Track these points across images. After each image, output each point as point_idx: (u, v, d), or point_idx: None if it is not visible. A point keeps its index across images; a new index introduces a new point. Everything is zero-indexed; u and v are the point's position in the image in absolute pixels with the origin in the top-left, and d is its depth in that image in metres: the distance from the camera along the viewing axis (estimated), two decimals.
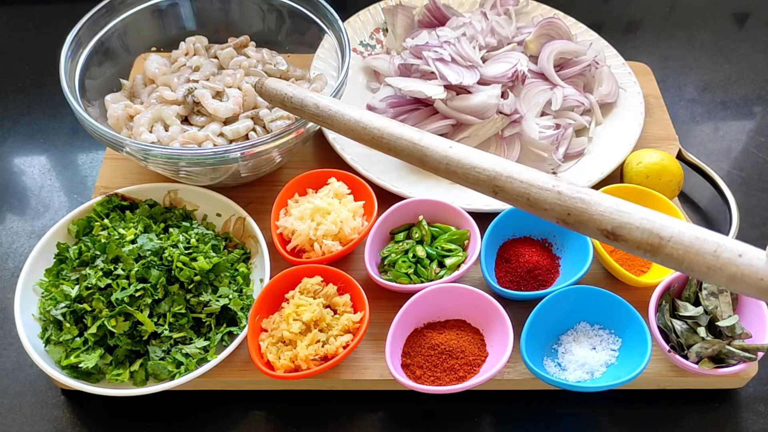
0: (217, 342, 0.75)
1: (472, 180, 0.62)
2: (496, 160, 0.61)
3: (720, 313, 0.77)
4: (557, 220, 0.57)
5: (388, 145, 0.68)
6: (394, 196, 0.90)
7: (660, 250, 0.51)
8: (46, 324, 0.75)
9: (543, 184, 0.58)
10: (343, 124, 0.72)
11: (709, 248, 0.49)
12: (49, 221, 0.94)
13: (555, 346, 0.79)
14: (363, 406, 0.78)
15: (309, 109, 0.75)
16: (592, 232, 0.55)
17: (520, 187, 0.59)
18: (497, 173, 0.60)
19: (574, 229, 0.56)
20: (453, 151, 0.64)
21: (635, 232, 0.52)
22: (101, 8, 0.92)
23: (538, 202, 0.58)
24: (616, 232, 0.53)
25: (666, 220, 0.52)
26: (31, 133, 1.07)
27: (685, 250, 0.50)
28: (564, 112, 1.00)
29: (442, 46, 0.99)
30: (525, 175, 0.59)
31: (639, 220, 0.53)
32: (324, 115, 0.74)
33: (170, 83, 0.91)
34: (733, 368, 0.74)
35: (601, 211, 0.54)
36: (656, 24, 1.31)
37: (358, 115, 0.71)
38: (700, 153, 1.07)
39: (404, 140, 0.67)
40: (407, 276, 0.81)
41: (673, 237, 0.51)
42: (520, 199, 0.59)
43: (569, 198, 0.56)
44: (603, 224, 0.54)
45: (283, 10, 0.99)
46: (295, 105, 0.77)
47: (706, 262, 0.49)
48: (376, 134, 0.69)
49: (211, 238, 0.82)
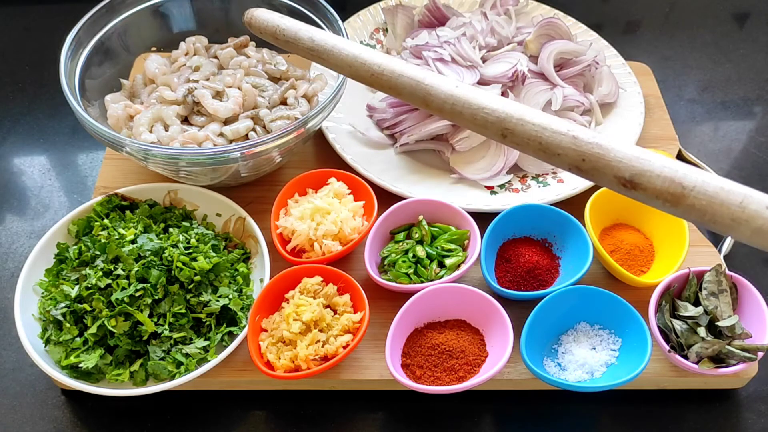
0: (217, 342, 0.75)
1: (479, 122, 0.58)
2: (507, 101, 0.58)
3: (720, 313, 0.77)
4: (570, 167, 0.54)
5: (389, 82, 0.64)
6: (394, 196, 0.90)
7: (682, 200, 0.48)
8: (46, 324, 0.75)
9: (557, 128, 0.54)
10: (341, 59, 0.67)
11: (735, 199, 0.47)
12: (49, 221, 0.94)
13: (555, 346, 0.79)
14: (363, 406, 0.78)
15: (303, 43, 0.70)
16: (607, 180, 0.52)
17: (532, 130, 0.55)
18: (508, 115, 0.56)
19: (588, 177, 0.53)
20: (459, 90, 0.60)
21: (656, 181, 0.49)
22: (101, 8, 0.92)
23: (550, 146, 0.54)
24: (634, 180, 0.50)
25: (689, 169, 0.49)
26: (31, 133, 1.07)
27: (709, 200, 0.47)
28: (564, 112, 1.00)
29: (442, 46, 0.99)
30: (538, 118, 0.55)
31: (660, 168, 0.49)
32: (319, 49, 0.69)
33: (170, 83, 0.91)
34: (733, 368, 0.74)
35: (620, 157, 0.51)
36: (656, 24, 1.31)
37: (357, 50, 0.67)
38: (700, 153, 1.07)
39: (406, 77, 0.63)
40: (407, 276, 0.81)
41: (697, 186, 0.48)
42: (532, 142, 0.55)
43: (585, 143, 0.52)
44: (621, 171, 0.51)
45: (283, 10, 0.99)
46: (287, 38, 0.72)
47: (731, 213, 0.47)
48: (377, 70, 0.64)
49: (211, 238, 0.82)
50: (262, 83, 0.93)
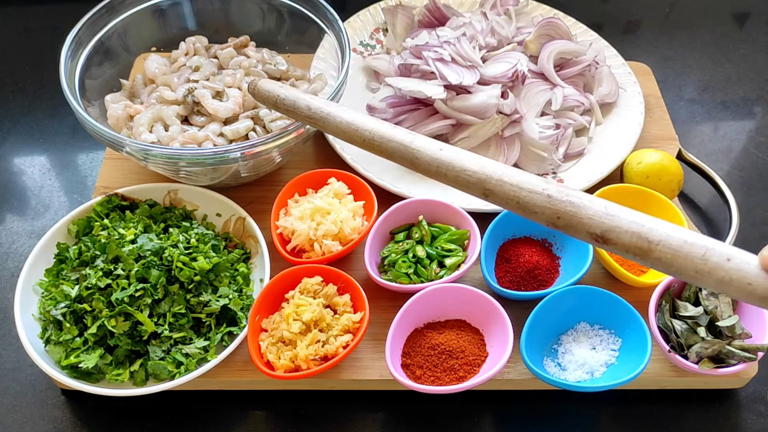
0: (217, 342, 0.75)
1: (462, 183, 0.62)
2: (486, 162, 0.61)
3: (720, 313, 0.77)
4: (548, 223, 0.57)
5: (380, 147, 0.68)
6: (394, 196, 0.90)
7: (649, 254, 0.51)
8: (46, 324, 0.75)
9: (533, 188, 0.57)
10: (335, 125, 0.72)
11: (698, 252, 0.49)
12: (49, 221, 0.94)
13: (555, 346, 0.79)
14: (363, 406, 0.78)
15: (301, 111, 0.76)
16: (582, 236, 0.55)
17: (510, 191, 0.58)
18: (487, 176, 0.60)
19: (564, 232, 0.56)
20: (443, 153, 0.63)
21: (624, 236, 0.52)
22: (101, 8, 0.92)
23: (528, 205, 0.57)
24: (605, 235, 0.53)
25: (656, 223, 0.52)
26: (31, 133, 1.07)
27: (673, 254, 0.50)
28: (564, 112, 1.00)
29: (442, 46, 0.99)
30: (515, 178, 0.59)
31: (627, 224, 0.52)
32: (316, 117, 0.74)
33: (170, 83, 0.91)
34: (733, 368, 0.74)
35: (590, 215, 0.54)
36: (656, 24, 1.31)
37: (349, 117, 0.71)
38: (700, 153, 1.07)
39: (395, 142, 0.67)
40: (407, 276, 0.81)
41: (662, 241, 0.50)
42: (510, 202, 0.59)
43: (559, 201, 0.56)
44: (592, 228, 0.54)
45: (283, 10, 0.99)
46: (287, 107, 0.77)
47: (694, 266, 0.49)
48: (368, 136, 0.69)
49: (211, 238, 0.82)
50: None
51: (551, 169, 0.97)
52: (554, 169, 0.96)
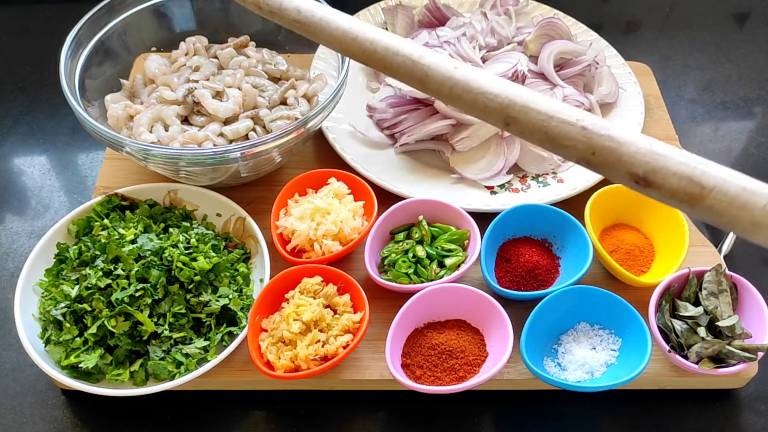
0: (217, 342, 0.75)
1: (480, 107, 0.54)
2: (510, 85, 0.54)
3: (720, 313, 0.77)
4: (579, 160, 0.51)
5: (383, 61, 0.59)
6: (394, 196, 0.90)
7: (700, 201, 0.45)
8: (46, 324, 0.75)
9: (565, 117, 0.50)
10: (329, 33, 0.62)
11: (759, 202, 0.44)
12: (49, 221, 0.94)
13: (555, 346, 0.79)
14: (363, 406, 0.78)
15: (289, 14, 0.64)
16: (619, 176, 0.49)
17: (537, 119, 0.51)
18: (510, 101, 0.52)
19: (598, 171, 0.50)
20: (459, 71, 0.55)
21: (671, 179, 0.46)
22: (101, 8, 0.92)
23: (557, 137, 0.50)
24: (648, 177, 0.47)
25: (709, 166, 0.46)
26: (31, 133, 1.07)
27: (729, 202, 0.44)
28: None
29: (442, 46, 0.99)
30: (543, 105, 0.51)
31: (677, 165, 0.46)
32: (306, 22, 0.63)
33: (170, 83, 0.91)
34: (733, 368, 0.74)
35: (633, 152, 0.47)
36: (656, 24, 1.31)
37: (347, 23, 0.61)
38: (700, 153, 1.05)
39: (401, 56, 0.57)
40: (407, 276, 0.81)
41: (717, 187, 0.45)
42: (537, 132, 0.52)
43: (596, 135, 0.49)
44: (634, 167, 0.47)
45: None
46: (272, 8, 0.65)
47: (752, 217, 0.44)
48: (368, 47, 0.59)
49: (211, 238, 0.82)
50: (262, 83, 0.93)
51: (551, 169, 0.96)
52: (554, 169, 0.96)
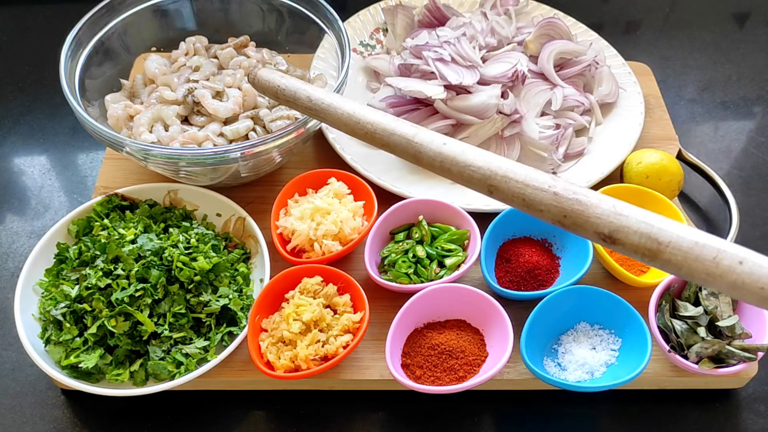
0: (217, 342, 0.75)
1: (466, 178, 0.60)
2: (492, 158, 0.59)
3: (720, 313, 0.77)
4: (554, 222, 0.55)
5: (382, 140, 0.66)
6: (394, 196, 0.90)
7: (658, 255, 0.50)
8: (46, 324, 0.75)
9: (539, 185, 0.56)
10: (337, 117, 0.70)
11: (709, 254, 0.47)
12: (49, 221, 0.94)
13: (555, 346, 0.79)
14: (363, 406, 0.78)
15: (302, 102, 0.74)
16: (589, 235, 0.54)
17: (516, 187, 0.57)
18: (492, 172, 0.58)
19: (571, 231, 0.55)
20: (447, 147, 0.61)
21: (633, 236, 0.51)
22: (101, 8, 0.92)
23: (533, 203, 0.56)
24: (613, 235, 0.52)
25: (665, 223, 0.50)
26: (31, 133, 1.07)
27: (684, 255, 0.48)
28: (564, 112, 1.00)
29: (442, 46, 0.99)
30: (521, 174, 0.57)
31: (637, 224, 0.51)
32: (317, 108, 0.72)
33: (170, 83, 0.91)
34: (733, 368, 0.74)
35: (598, 213, 0.52)
36: (656, 24, 1.31)
37: (351, 108, 0.69)
38: (700, 153, 1.07)
39: (398, 136, 0.65)
40: (407, 276, 0.81)
41: (672, 242, 0.49)
42: (516, 199, 0.57)
43: (566, 199, 0.54)
44: (600, 227, 0.52)
45: (283, 10, 0.99)
46: (287, 97, 0.75)
47: (705, 268, 0.48)
48: (370, 129, 0.67)
49: (211, 238, 0.82)
50: None
51: (551, 169, 0.96)
52: (554, 169, 0.96)
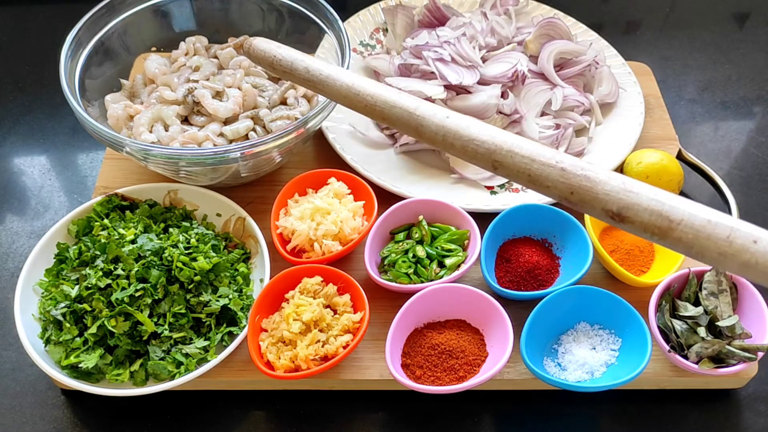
0: (217, 342, 0.75)
1: (470, 153, 0.59)
2: (497, 132, 0.58)
3: (720, 313, 0.77)
4: (560, 198, 0.54)
5: (382, 113, 0.65)
6: (394, 196, 0.90)
7: (669, 234, 0.48)
8: (46, 324, 0.75)
9: (545, 160, 0.54)
10: (335, 89, 0.69)
11: (722, 233, 0.46)
12: (49, 221, 0.94)
13: (555, 346, 0.79)
14: (363, 406, 0.78)
15: (299, 73, 0.72)
16: (596, 212, 0.52)
17: (521, 162, 0.55)
18: (497, 146, 0.56)
19: (578, 208, 0.53)
20: (450, 121, 0.60)
21: (643, 214, 0.49)
22: (101, 8, 0.92)
23: (539, 178, 0.54)
24: (622, 213, 0.50)
25: (677, 201, 0.49)
26: (31, 133, 1.07)
27: (695, 234, 0.47)
28: (564, 112, 1.00)
29: (442, 46, 0.99)
30: (527, 149, 0.55)
31: (647, 201, 0.49)
32: (315, 80, 0.70)
33: (170, 83, 0.91)
34: (733, 368, 0.74)
35: (607, 190, 0.51)
36: (656, 24, 1.31)
37: (350, 80, 0.68)
38: (700, 153, 1.07)
39: (399, 108, 0.63)
40: (407, 276, 0.81)
41: (684, 220, 0.47)
42: (521, 175, 0.55)
43: (573, 175, 0.52)
44: (608, 204, 0.51)
45: (283, 10, 0.99)
46: (284, 68, 0.73)
47: (717, 247, 0.46)
48: (369, 101, 0.65)
49: (211, 238, 0.82)
50: (262, 83, 0.93)
51: None
52: None
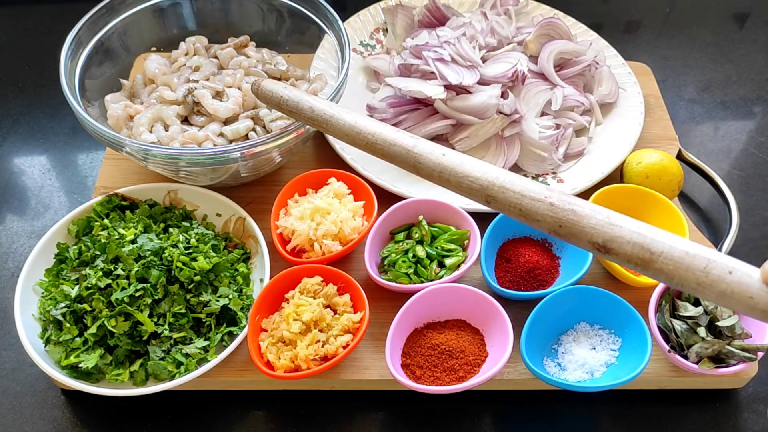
0: (217, 342, 0.75)
1: (465, 189, 0.63)
2: (489, 168, 0.61)
3: (720, 313, 0.77)
4: (549, 231, 0.57)
5: (382, 151, 0.69)
6: (394, 196, 0.90)
7: (650, 265, 0.52)
8: (46, 324, 0.75)
9: (535, 195, 0.58)
10: (338, 128, 0.73)
11: (699, 264, 0.49)
12: (49, 221, 0.94)
13: (555, 346, 0.79)
14: (363, 406, 0.78)
15: (304, 113, 0.76)
16: (583, 244, 0.56)
17: (513, 198, 0.59)
18: (490, 183, 0.60)
19: (566, 240, 0.57)
20: (446, 158, 0.64)
21: (626, 246, 0.53)
22: (101, 8, 0.92)
23: (530, 212, 0.58)
24: (607, 245, 0.54)
25: (658, 234, 0.52)
26: (31, 133, 1.07)
27: (675, 265, 0.50)
28: (564, 112, 1.00)
29: (442, 46, 0.99)
30: (518, 185, 0.59)
31: (630, 234, 0.53)
32: (319, 119, 0.74)
33: (170, 83, 0.91)
34: (733, 368, 0.74)
35: (593, 224, 0.54)
36: (656, 24, 1.31)
37: (352, 120, 0.71)
38: (700, 153, 1.07)
39: (398, 146, 0.67)
40: (407, 276, 0.81)
41: (664, 252, 0.51)
42: (513, 209, 0.59)
43: (561, 209, 0.56)
44: (594, 237, 0.54)
45: (283, 10, 0.99)
46: (290, 108, 0.77)
47: (696, 278, 0.49)
48: (371, 140, 0.69)
49: (211, 238, 0.82)
50: None
51: (551, 169, 0.96)
52: (554, 169, 0.96)
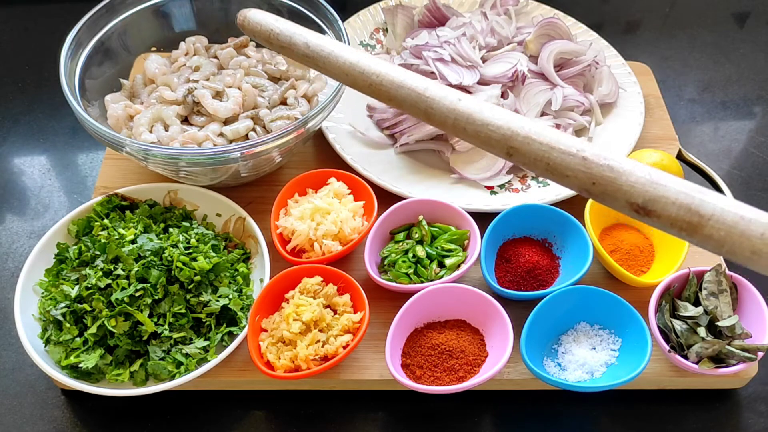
0: (217, 342, 0.75)
1: (483, 138, 0.55)
2: (512, 117, 0.54)
3: (720, 313, 0.77)
4: (580, 189, 0.51)
5: (388, 94, 0.60)
6: (394, 196, 0.90)
7: (698, 230, 0.45)
8: (46, 324, 0.75)
9: (566, 148, 0.51)
10: (337, 67, 0.63)
11: (757, 230, 0.43)
12: (49, 221, 0.94)
13: (555, 346, 0.79)
14: (363, 406, 0.78)
15: (298, 48, 0.66)
16: (620, 205, 0.49)
17: (539, 150, 0.51)
18: (513, 132, 0.53)
19: (599, 200, 0.50)
20: (462, 104, 0.56)
21: (670, 208, 0.46)
22: (101, 8, 0.92)
23: (558, 167, 0.51)
24: (647, 206, 0.47)
25: (708, 195, 0.46)
26: (31, 133, 1.07)
27: (727, 231, 0.44)
28: (564, 112, 1.00)
29: (442, 46, 0.99)
30: (546, 136, 0.52)
31: (675, 194, 0.46)
32: (315, 56, 0.65)
33: (170, 83, 0.91)
34: (733, 368, 0.74)
35: (632, 182, 0.48)
36: (656, 24, 1.31)
37: (354, 57, 0.62)
38: (700, 153, 1.07)
39: (406, 89, 0.58)
40: (407, 276, 0.81)
41: (714, 215, 0.44)
42: (539, 163, 0.52)
43: (595, 165, 0.49)
44: (633, 197, 0.48)
45: (283, 10, 0.99)
46: (282, 43, 0.67)
47: (751, 245, 0.43)
48: (375, 80, 0.60)
49: (211, 238, 0.82)
50: (262, 83, 0.93)
51: None
52: None
